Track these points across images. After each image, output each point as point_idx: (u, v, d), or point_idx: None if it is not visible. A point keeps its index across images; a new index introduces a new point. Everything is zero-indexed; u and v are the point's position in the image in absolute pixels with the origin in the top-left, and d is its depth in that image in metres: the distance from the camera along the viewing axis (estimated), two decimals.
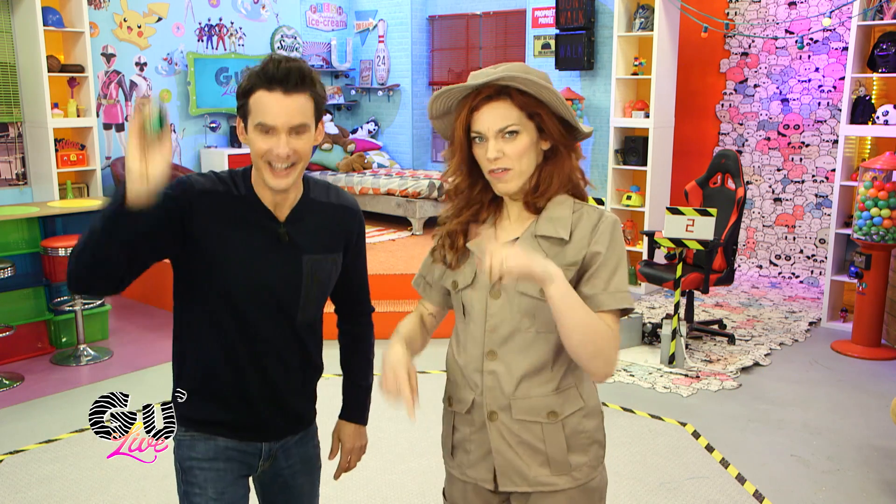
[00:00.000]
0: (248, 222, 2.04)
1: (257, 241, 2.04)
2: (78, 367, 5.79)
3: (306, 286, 2.11)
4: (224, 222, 2.02)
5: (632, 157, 7.63)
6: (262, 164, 1.97)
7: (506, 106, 1.85)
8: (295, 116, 1.93)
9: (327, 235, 2.16)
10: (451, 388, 2.06)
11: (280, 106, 1.91)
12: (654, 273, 6.18)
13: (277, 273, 2.07)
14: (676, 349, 5.61)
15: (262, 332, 2.09)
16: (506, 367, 1.93)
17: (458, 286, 1.99)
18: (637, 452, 4.41)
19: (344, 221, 2.20)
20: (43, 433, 4.67)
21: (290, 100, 1.92)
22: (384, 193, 9.12)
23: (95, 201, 6.64)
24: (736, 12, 8.05)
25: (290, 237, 2.07)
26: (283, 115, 1.92)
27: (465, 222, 1.99)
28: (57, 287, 6.07)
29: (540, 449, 1.94)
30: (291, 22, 9.93)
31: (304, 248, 2.09)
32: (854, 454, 4.41)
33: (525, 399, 1.92)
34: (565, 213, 1.93)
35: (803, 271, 8.00)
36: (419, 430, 4.56)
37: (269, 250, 2.05)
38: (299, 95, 1.93)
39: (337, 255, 2.19)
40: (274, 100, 1.91)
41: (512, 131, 1.86)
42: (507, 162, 1.87)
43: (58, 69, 7.26)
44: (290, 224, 2.08)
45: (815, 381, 5.48)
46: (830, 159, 7.68)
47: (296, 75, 1.92)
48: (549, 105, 1.87)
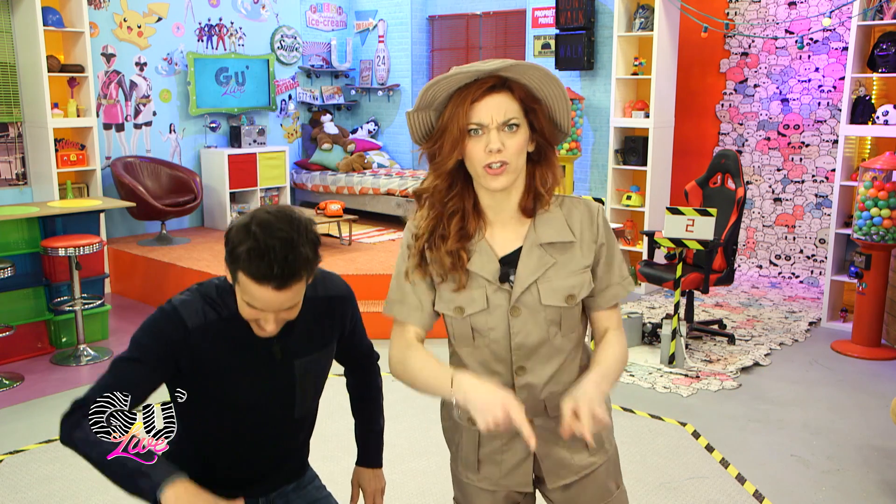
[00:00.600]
0: (241, 345, 2.00)
1: (251, 364, 2.02)
2: (78, 367, 5.80)
3: (300, 387, 2.10)
4: (218, 351, 1.98)
5: (632, 157, 7.63)
6: (248, 319, 1.94)
7: (508, 98, 1.81)
8: (286, 303, 1.86)
9: (318, 333, 2.12)
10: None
11: (271, 299, 1.83)
12: (654, 273, 6.19)
13: (273, 385, 2.06)
14: (676, 349, 5.61)
15: (261, 430, 2.11)
16: (536, 376, 1.92)
17: (466, 311, 1.90)
18: (637, 452, 4.41)
19: (335, 313, 2.15)
20: (43, 433, 4.68)
21: (282, 294, 1.83)
22: (384, 193, 9.14)
23: (96, 201, 6.64)
24: (736, 12, 8.05)
25: (283, 351, 2.04)
26: (274, 305, 1.85)
27: (459, 238, 1.89)
28: (57, 287, 6.07)
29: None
30: (291, 22, 9.94)
31: (296, 354, 2.06)
32: (854, 454, 4.41)
33: (555, 396, 1.92)
34: (555, 212, 1.91)
35: (803, 271, 8.00)
36: (418, 430, 4.56)
37: (263, 371, 2.04)
38: (292, 286, 1.83)
39: (331, 346, 2.17)
40: (264, 293, 1.82)
41: (514, 124, 1.81)
42: (506, 156, 1.80)
43: (58, 69, 7.26)
44: (281, 338, 2.02)
45: (815, 381, 5.48)
46: (830, 159, 7.68)
47: (289, 273, 1.80)
48: (545, 103, 1.86)
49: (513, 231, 1.92)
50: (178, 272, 7.11)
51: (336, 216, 7.95)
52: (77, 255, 5.70)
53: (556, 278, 1.88)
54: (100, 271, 6.52)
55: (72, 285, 5.88)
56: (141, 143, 8.58)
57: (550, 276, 1.88)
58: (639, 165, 7.60)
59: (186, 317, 1.95)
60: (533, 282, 1.87)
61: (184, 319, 1.95)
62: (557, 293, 1.87)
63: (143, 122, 8.59)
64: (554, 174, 1.91)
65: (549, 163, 1.90)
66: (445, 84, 1.81)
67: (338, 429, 4.50)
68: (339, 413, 4.70)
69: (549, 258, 1.88)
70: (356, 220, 8.40)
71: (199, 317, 1.96)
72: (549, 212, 1.91)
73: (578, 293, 1.90)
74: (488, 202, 1.91)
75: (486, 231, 1.92)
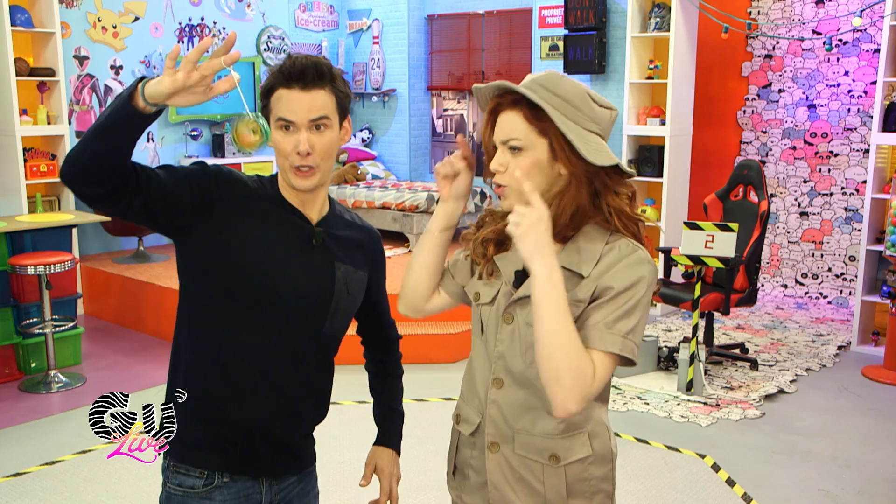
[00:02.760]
0: (280, 219, 2.13)
1: (290, 240, 2.13)
2: (48, 394, 5.82)
3: (338, 293, 2.18)
4: (255, 215, 2.10)
5: (646, 167, 7.68)
6: (286, 165, 2.07)
7: (517, 118, 1.86)
8: (314, 110, 2.03)
9: (356, 250, 2.25)
10: (461, 405, 2.10)
11: (298, 102, 2.02)
12: (670, 293, 6.22)
13: (310, 276, 2.14)
14: (695, 375, 5.65)
15: (284, 339, 2.13)
16: (511, 398, 1.95)
17: (480, 300, 2.03)
18: (652, 487, 4.45)
19: (370, 242, 2.32)
20: (11, 466, 4.69)
21: (309, 95, 2.02)
22: (379, 207, 9.16)
23: (67, 215, 6.69)
24: (759, 11, 8.12)
25: (324, 240, 2.16)
26: (302, 111, 2.02)
27: (500, 231, 1.99)
28: (26, 308, 6.10)
29: (538, 490, 1.95)
30: (279, 22, 10.01)
31: (336, 255, 2.18)
32: (886, 489, 4.44)
33: (527, 435, 1.94)
34: (596, 246, 1.89)
35: (832, 291, 8.04)
36: (416, 463, 4.59)
37: (302, 250, 2.14)
38: (319, 91, 2.03)
39: (364, 272, 2.27)
40: (292, 96, 2.02)
41: (515, 147, 1.86)
42: (506, 178, 1.88)
43: (27, 73, 7.31)
44: (322, 227, 2.17)
45: (845, 410, 5.51)
46: (861, 170, 7.74)
47: (312, 70, 2.02)
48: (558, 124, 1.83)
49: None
50: (156, 291, 7.15)
51: None
52: (47, 274, 5.73)
53: None
54: (72, 291, 6.56)
55: (42, 306, 5.91)
56: None
57: None
58: (654, 177, 7.65)
59: (235, 173, 2.16)
60: (528, 295, 1.86)
61: (232, 171, 2.15)
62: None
63: None
64: (573, 203, 1.88)
65: (569, 191, 1.88)
66: (478, 96, 1.99)
67: (328, 461, 4.54)
68: (331, 444, 4.73)
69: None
70: None
71: (247, 179, 2.16)
72: (588, 244, 1.89)
73: None
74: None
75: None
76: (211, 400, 2.12)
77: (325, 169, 2.09)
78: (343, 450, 4.67)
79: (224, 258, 2.07)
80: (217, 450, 2.14)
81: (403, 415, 2.52)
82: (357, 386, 5.42)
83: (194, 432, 2.11)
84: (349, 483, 4.35)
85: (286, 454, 2.24)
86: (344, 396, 5.22)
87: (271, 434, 2.17)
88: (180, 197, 2.01)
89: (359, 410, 5.12)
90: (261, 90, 2.11)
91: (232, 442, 2.13)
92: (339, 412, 5.06)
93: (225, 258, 2.07)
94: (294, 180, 2.06)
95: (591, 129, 1.88)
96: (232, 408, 2.12)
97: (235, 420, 2.13)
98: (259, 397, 2.13)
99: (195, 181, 2.04)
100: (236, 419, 2.13)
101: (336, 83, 2.07)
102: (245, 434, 2.14)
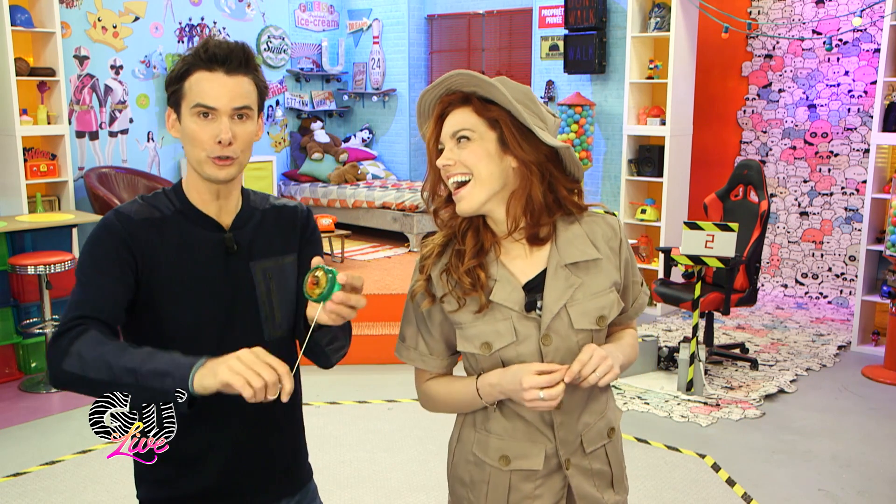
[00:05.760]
0: (191, 242, 2.00)
1: (206, 259, 2.00)
2: (48, 394, 5.83)
3: (261, 297, 2.04)
4: (169, 245, 1.97)
5: (646, 167, 7.69)
6: (201, 156, 1.94)
7: (467, 112, 1.88)
8: (238, 98, 1.92)
9: (278, 237, 2.11)
10: (502, 448, 1.96)
11: (221, 87, 1.90)
12: (670, 293, 6.23)
13: (233, 288, 2.02)
14: (695, 375, 5.65)
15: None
16: (573, 407, 1.95)
17: (494, 347, 1.91)
18: (652, 487, 4.45)
19: (291, 218, 2.16)
20: (11, 466, 4.70)
21: (233, 81, 1.92)
22: (379, 207, 9.17)
23: (68, 215, 6.69)
24: (759, 11, 8.13)
25: (238, 244, 2.03)
26: (226, 97, 1.91)
27: (475, 254, 1.93)
28: (26, 308, 6.11)
29: (605, 472, 2.02)
30: (279, 22, 10.02)
31: (252, 255, 2.05)
32: (887, 489, 4.45)
33: (590, 428, 1.99)
34: (576, 230, 1.95)
35: (832, 291, 8.05)
36: (415, 463, 4.59)
37: (219, 265, 2.01)
38: (243, 77, 1.93)
39: (293, 254, 2.13)
40: (215, 80, 1.90)
41: (464, 136, 1.87)
42: (460, 168, 1.87)
43: (27, 72, 7.31)
44: (235, 230, 2.04)
45: (845, 410, 5.52)
46: (861, 170, 7.74)
47: (240, 54, 1.93)
48: (512, 112, 1.85)
49: (535, 253, 1.96)
50: None
51: (327, 231, 7.99)
52: (48, 274, 5.75)
53: (584, 300, 1.92)
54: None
55: (42, 306, 5.92)
56: (117, 152, 8.64)
57: (579, 297, 1.91)
58: (654, 176, 7.66)
59: (131, 212, 1.98)
60: (562, 306, 1.90)
61: (128, 214, 1.97)
62: (588, 316, 1.91)
63: (118, 129, 8.65)
64: (535, 193, 1.90)
65: (523, 183, 1.90)
66: (422, 101, 1.97)
67: (328, 461, 4.54)
68: (331, 444, 4.73)
69: (576, 279, 1.92)
70: (349, 235, 8.45)
71: (145, 211, 1.99)
72: (569, 231, 1.95)
73: (609, 314, 1.95)
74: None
75: (497, 252, 1.96)
76: (170, 460, 1.94)
77: (243, 161, 1.97)
78: (343, 450, 4.67)
79: (146, 291, 1.95)
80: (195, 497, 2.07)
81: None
82: (357, 386, 5.45)
83: (163, 490, 2.06)
84: (349, 483, 4.36)
85: (270, 482, 2.15)
86: (344, 396, 5.26)
87: (247, 470, 2.09)
88: (125, 294, 1.92)
89: (359, 410, 5.12)
90: (170, 76, 1.95)
91: (207, 487, 2.06)
92: (339, 412, 5.06)
93: (147, 291, 1.95)
94: (211, 171, 1.94)
95: (539, 126, 1.89)
96: (195, 460, 2.04)
97: (204, 470, 2.04)
98: (223, 437, 2.04)
99: (116, 274, 1.90)
100: (205, 469, 2.04)
101: (258, 73, 1.98)
102: (218, 478, 2.06)
